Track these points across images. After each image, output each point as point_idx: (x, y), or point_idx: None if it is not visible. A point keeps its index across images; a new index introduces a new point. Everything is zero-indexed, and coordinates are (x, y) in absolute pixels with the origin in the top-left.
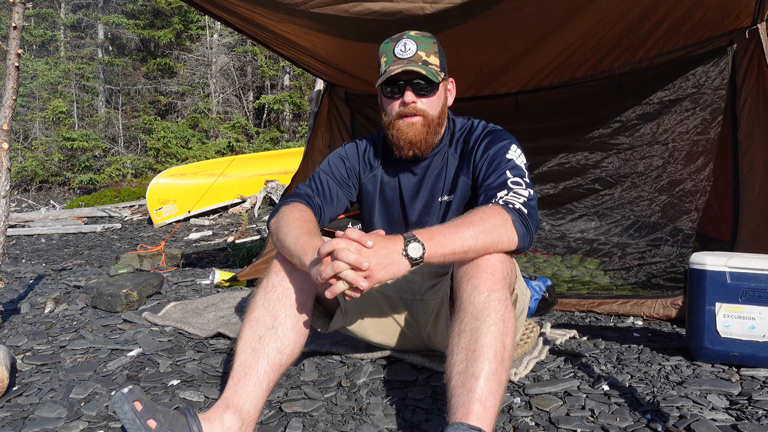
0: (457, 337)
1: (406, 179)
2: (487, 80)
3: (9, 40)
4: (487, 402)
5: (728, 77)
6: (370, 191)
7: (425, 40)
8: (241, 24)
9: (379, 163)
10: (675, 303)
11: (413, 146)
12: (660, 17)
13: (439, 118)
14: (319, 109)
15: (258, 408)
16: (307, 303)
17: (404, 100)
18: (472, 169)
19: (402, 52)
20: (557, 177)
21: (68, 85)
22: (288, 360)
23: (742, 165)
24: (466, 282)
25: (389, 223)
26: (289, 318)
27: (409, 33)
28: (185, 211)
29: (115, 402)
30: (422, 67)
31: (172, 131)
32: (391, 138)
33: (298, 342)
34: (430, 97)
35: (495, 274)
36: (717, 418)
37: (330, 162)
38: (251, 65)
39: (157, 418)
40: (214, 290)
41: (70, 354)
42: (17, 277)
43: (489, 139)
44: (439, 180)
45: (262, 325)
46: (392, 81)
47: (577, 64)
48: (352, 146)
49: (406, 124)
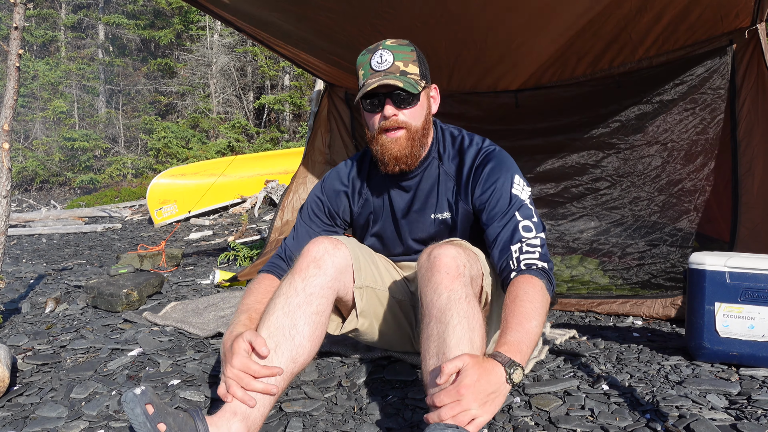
0: (427, 342)
1: (397, 196)
2: (487, 63)
3: (10, 41)
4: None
5: (728, 77)
6: (362, 213)
7: (402, 49)
8: (241, 23)
9: (367, 182)
10: (674, 303)
11: (398, 162)
12: (658, 10)
13: (423, 129)
14: (319, 109)
15: (264, 415)
16: (327, 311)
17: (384, 113)
18: (471, 198)
19: (378, 64)
20: (557, 176)
21: (69, 85)
22: (300, 368)
23: (742, 165)
24: (425, 286)
25: (382, 239)
26: (308, 326)
27: (385, 43)
28: (185, 211)
29: (127, 403)
30: (399, 79)
31: (173, 131)
32: (376, 154)
33: (313, 351)
34: (412, 108)
35: (450, 272)
36: (716, 418)
37: (308, 208)
38: (251, 65)
39: (167, 422)
40: (214, 290)
41: (70, 354)
42: (18, 277)
43: (491, 168)
44: (431, 196)
45: (279, 332)
46: (371, 94)
47: (575, 58)
48: (333, 178)
49: (389, 139)
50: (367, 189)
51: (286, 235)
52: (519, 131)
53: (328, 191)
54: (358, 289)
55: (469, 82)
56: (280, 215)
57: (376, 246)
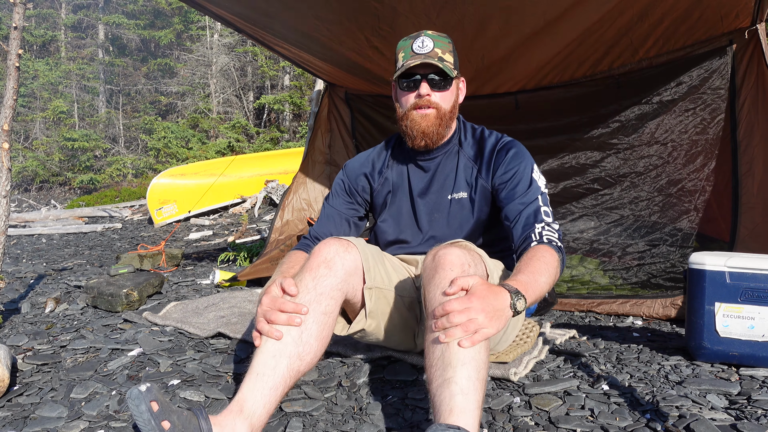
0: (431, 344)
1: (415, 175)
2: (487, 75)
3: (10, 41)
4: (468, 391)
5: (728, 77)
6: (381, 192)
7: (441, 39)
8: (241, 23)
9: (389, 162)
10: (674, 303)
11: (425, 136)
12: (659, 16)
13: (450, 113)
14: (319, 109)
15: (269, 413)
16: (335, 312)
17: (419, 92)
18: (492, 177)
19: (420, 48)
20: (557, 177)
21: (69, 85)
22: (306, 367)
23: (741, 165)
24: (428, 284)
25: (397, 216)
26: (316, 325)
27: (426, 32)
28: (185, 211)
29: (132, 399)
30: (438, 62)
31: (173, 131)
32: (405, 129)
33: (320, 350)
34: (444, 92)
35: (454, 269)
36: (716, 418)
37: (333, 190)
38: (251, 65)
39: (172, 420)
40: (214, 290)
41: (70, 354)
42: (18, 277)
43: (513, 153)
44: (449, 178)
45: (289, 328)
46: (409, 75)
47: (576, 63)
48: (355, 160)
49: (420, 114)
50: (387, 169)
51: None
52: (519, 131)
53: (349, 172)
54: (368, 290)
55: (469, 90)
56: (280, 215)
57: (391, 229)
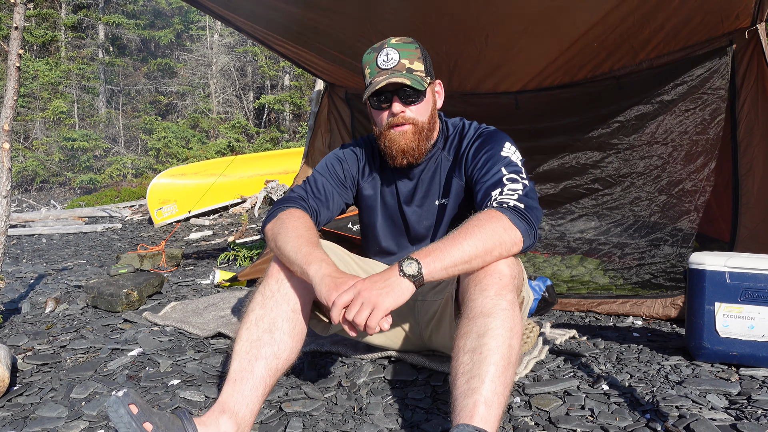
0: (464, 339)
1: (402, 184)
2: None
3: (10, 41)
4: (492, 404)
5: (728, 77)
6: (370, 195)
7: (407, 47)
8: (241, 23)
9: (377, 167)
10: (674, 303)
11: (406, 155)
12: (660, 22)
13: (429, 124)
14: (319, 109)
15: (254, 412)
16: (305, 307)
17: (392, 111)
18: (464, 171)
19: (385, 62)
20: (557, 177)
21: (69, 85)
22: (284, 364)
23: (742, 165)
24: (473, 286)
25: (391, 228)
26: (287, 323)
27: (390, 41)
28: (185, 211)
29: (110, 405)
30: (406, 76)
31: (173, 131)
32: (384, 148)
33: (295, 347)
34: (418, 104)
35: (503, 278)
36: (716, 418)
37: (327, 163)
38: (251, 65)
39: (153, 421)
40: (214, 290)
41: (70, 354)
42: (18, 277)
43: (482, 140)
44: (433, 183)
45: (260, 329)
46: (379, 92)
47: (577, 66)
48: (349, 149)
49: (397, 133)
50: (377, 173)
51: None
52: (519, 131)
53: (347, 155)
54: None
55: (469, 84)
56: None
57: (388, 235)
